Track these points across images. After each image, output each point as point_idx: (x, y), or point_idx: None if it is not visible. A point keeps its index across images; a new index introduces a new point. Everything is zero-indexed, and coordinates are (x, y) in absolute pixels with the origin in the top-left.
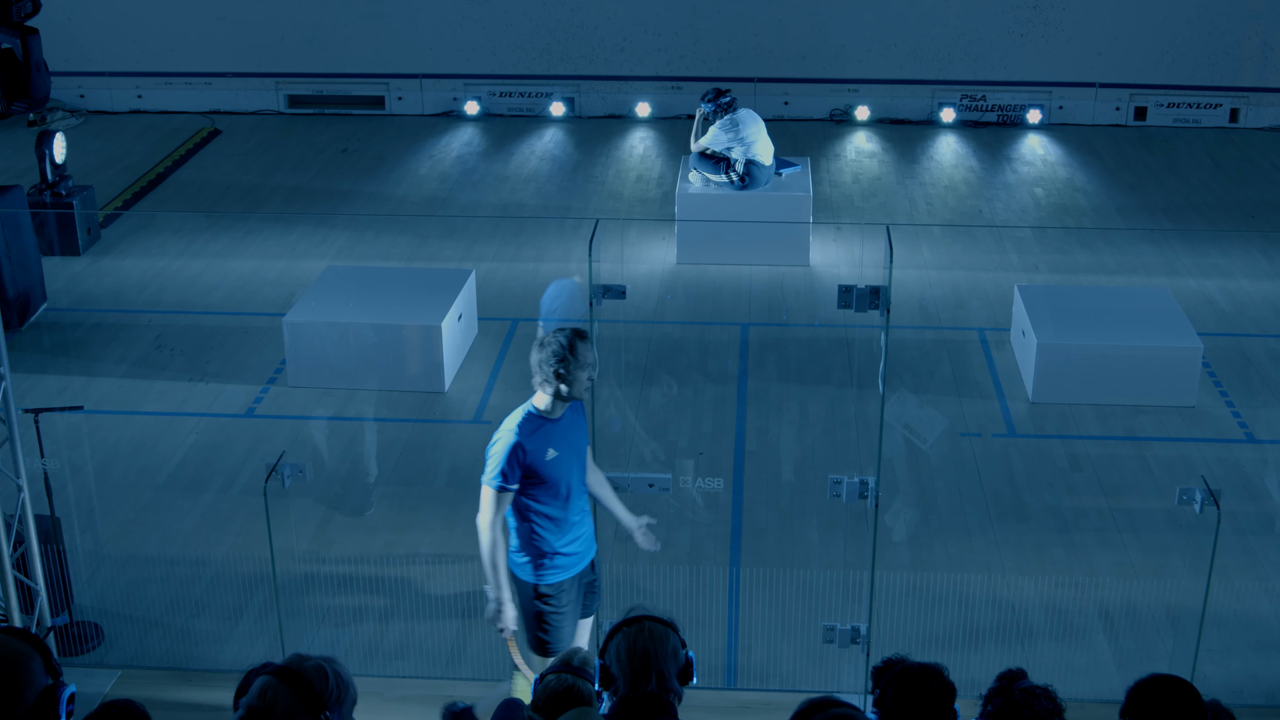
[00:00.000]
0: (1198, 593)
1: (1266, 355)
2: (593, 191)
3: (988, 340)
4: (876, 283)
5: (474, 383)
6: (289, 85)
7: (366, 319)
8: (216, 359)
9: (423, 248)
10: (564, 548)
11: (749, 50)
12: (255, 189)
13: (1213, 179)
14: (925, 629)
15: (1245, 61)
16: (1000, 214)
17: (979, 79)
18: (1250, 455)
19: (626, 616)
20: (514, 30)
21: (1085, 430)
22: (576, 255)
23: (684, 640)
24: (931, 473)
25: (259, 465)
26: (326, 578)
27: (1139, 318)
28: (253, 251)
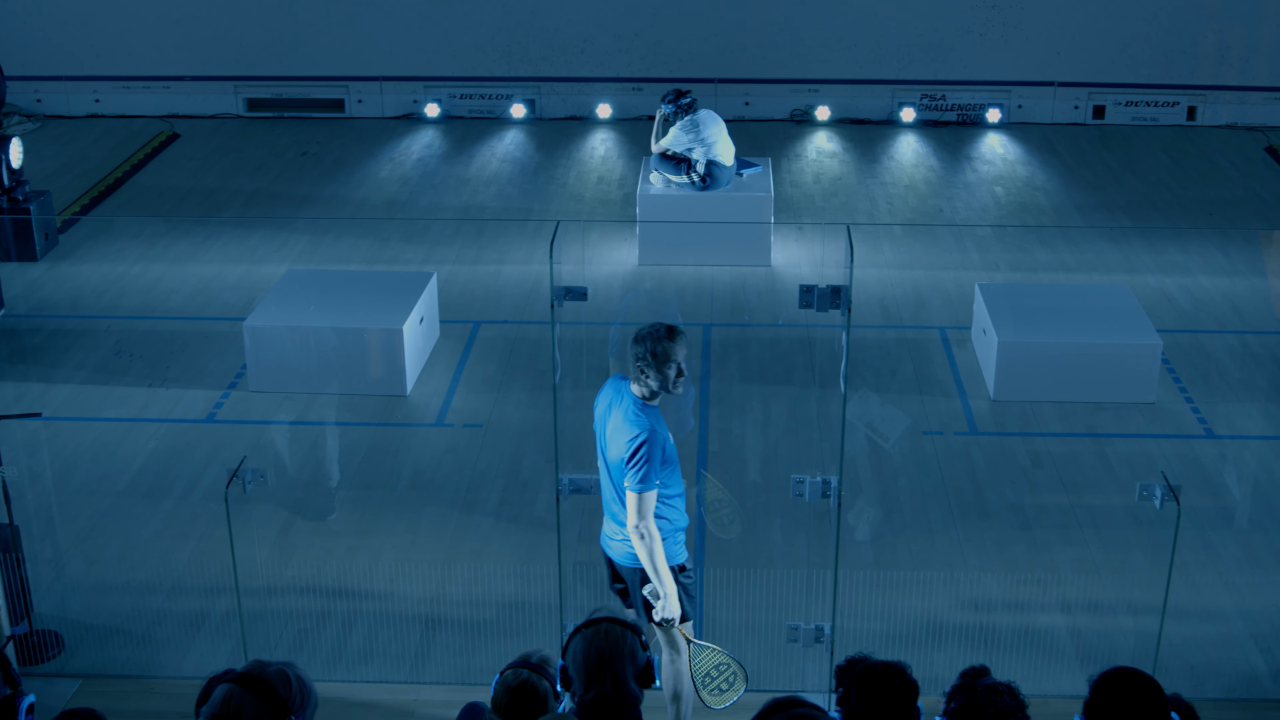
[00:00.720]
0: (1158, 587)
1: (1225, 351)
2: (554, 193)
3: (949, 339)
4: (838, 282)
5: (436, 386)
6: (248, 88)
7: (327, 323)
8: (176, 364)
9: (384, 251)
10: (683, 523)
11: (709, 51)
12: (214, 193)
13: (1171, 176)
14: (889, 627)
15: (1202, 60)
16: (961, 213)
17: (938, 79)
18: (1209, 451)
19: (588, 618)
20: (474, 32)
21: (1046, 427)
22: (538, 257)
23: (645, 643)
24: (894, 471)
25: (220, 471)
26: (289, 583)
27: (1099, 315)
28: (212, 256)
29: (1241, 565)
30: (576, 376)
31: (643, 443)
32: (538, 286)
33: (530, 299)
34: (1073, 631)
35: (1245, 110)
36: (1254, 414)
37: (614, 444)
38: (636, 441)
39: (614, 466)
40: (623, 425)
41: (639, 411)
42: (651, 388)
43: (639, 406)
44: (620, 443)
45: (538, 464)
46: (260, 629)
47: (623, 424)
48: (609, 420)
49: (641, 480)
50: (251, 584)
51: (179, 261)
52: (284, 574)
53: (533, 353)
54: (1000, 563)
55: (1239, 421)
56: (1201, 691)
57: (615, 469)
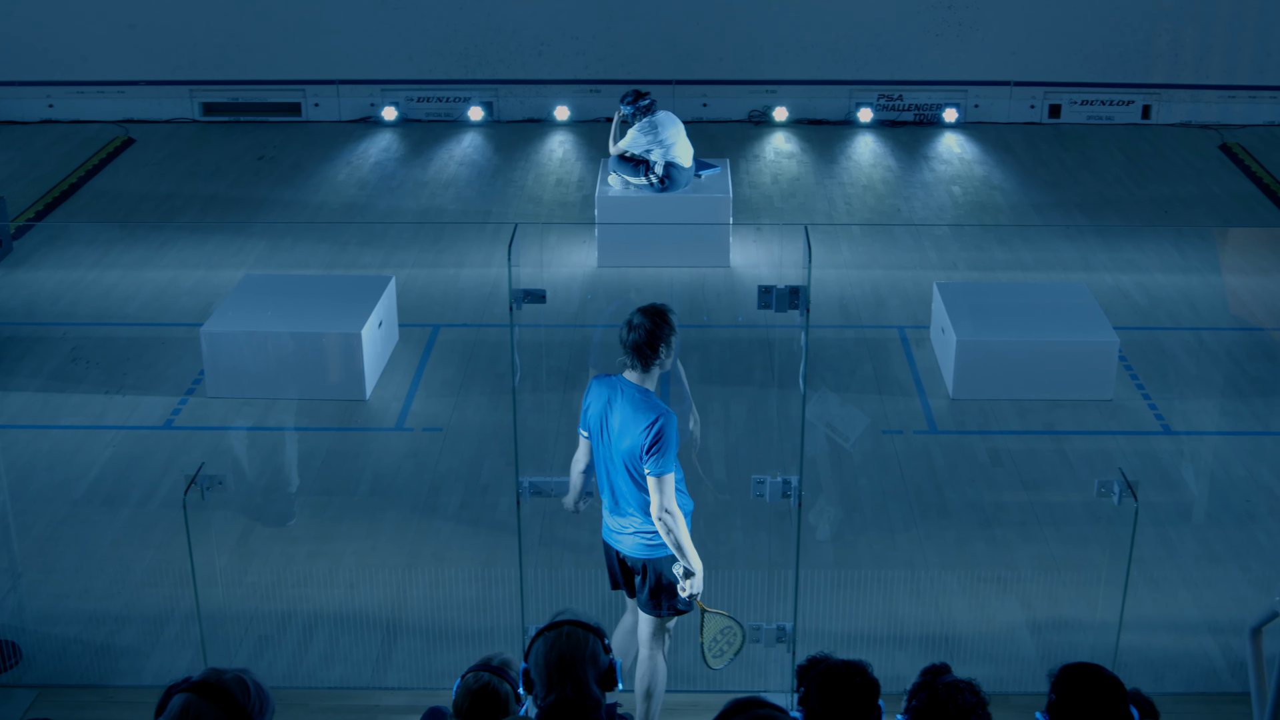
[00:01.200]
0: (1117, 583)
1: (1181, 348)
2: (512, 196)
3: (908, 338)
4: (796, 283)
5: (395, 390)
6: (204, 93)
7: (285, 327)
8: (133, 371)
9: (342, 255)
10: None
11: (667, 52)
12: (170, 198)
13: (1126, 175)
14: (850, 626)
15: (1156, 58)
16: (918, 213)
17: (895, 79)
18: (1167, 447)
19: (550, 621)
20: (430, 35)
21: (1005, 425)
22: (497, 260)
23: (609, 646)
24: (854, 471)
25: (178, 477)
26: (249, 590)
27: (1056, 313)
28: (169, 261)
29: (1199, 560)
30: (536, 379)
31: (663, 425)
32: (496, 289)
33: (489, 302)
34: (1033, 628)
35: (1199, 108)
36: (1210, 410)
37: (625, 436)
38: (658, 425)
39: (626, 458)
40: (635, 415)
41: (649, 398)
42: (665, 366)
43: (646, 394)
44: (634, 432)
45: (498, 467)
46: (220, 636)
47: (635, 414)
48: (610, 417)
49: (663, 464)
50: (211, 591)
51: (135, 267)
52: (243, 580)
53: (492, 355)
54: (960, 560)
55: (1195, 417)
56: (1161, 686)
57: (629, 460)
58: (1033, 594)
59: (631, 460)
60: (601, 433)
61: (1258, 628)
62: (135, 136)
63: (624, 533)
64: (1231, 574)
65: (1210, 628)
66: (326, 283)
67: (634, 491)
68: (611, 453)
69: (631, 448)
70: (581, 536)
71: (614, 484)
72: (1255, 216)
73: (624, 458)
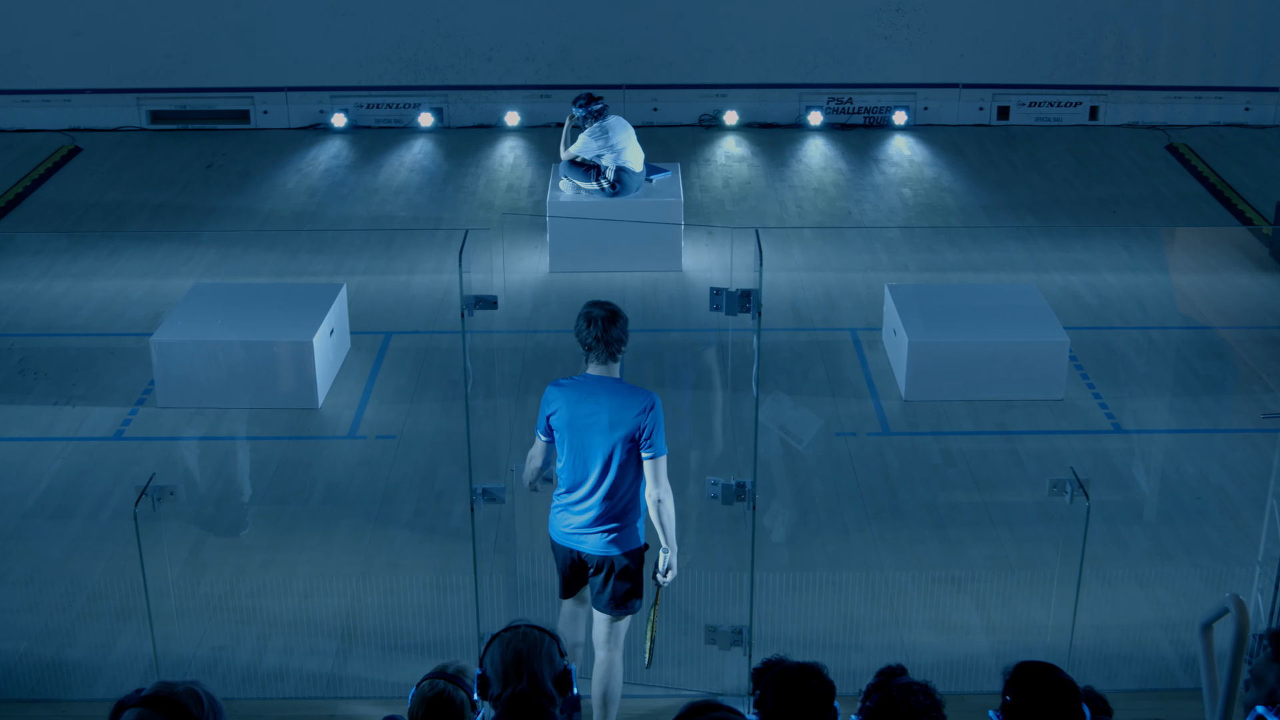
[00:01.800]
0: (1070, 581)
1: (1130, 347)
2: (463, 202)
3: (860, 340)
4: (748, 286)
5: (348, 398)
6: (151, 101)
7: (236, 336)
8: (82, 381)
9: (292, 263)
10: None
11: (617, 57)
12: (118, 207)
13: (1075, 176)
14: (806, 628)
15: (1103, 60)
16: (869, 215)
17: (845, 82)
18: (1118, 445)
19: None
20: (380, 41)
21: (957, 426)
22: (448, 267)
23: (564, 651)
24: (808, 473)
25: (129, 489)
26: (202, 601)
27: (1007, 314)
28: (117, 271)
29: (1151, 557)
30: (489, 385)
31: (658, 407)
32: (448, 296)
33: (441, 309)
34: (988, 627)
35: (1146, 109)
36: (1160, 408)
37: (619, 426)
38: (654, 409)
39: (620, 446)
40: (626, 403)
41: (630, 385)
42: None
43: (625, 383)
44: (628, 419)
45: (452, 474)
46: (173, 648)
47: (625, 402)
48: (590, 412)
49: (660, 445)
50: (163, 603)
51: (83, 277)
52: (196, 592)
53: (445, 362)
54: (915, 561)
55: (1145, 416)
56: (1114, 683)
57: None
58: (987, 594)
59: (625, 446)
60: (573, 430)
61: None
62: (82, 145)
63: (588, 531)
64: (1183, 571)
65: (1163, 624)
66: (277, 291)
67: (606, 486)
68: (594, 445)
69: (628, 434)
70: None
71: (597, 477)
72: (1202, 216)
73: (617, 445)
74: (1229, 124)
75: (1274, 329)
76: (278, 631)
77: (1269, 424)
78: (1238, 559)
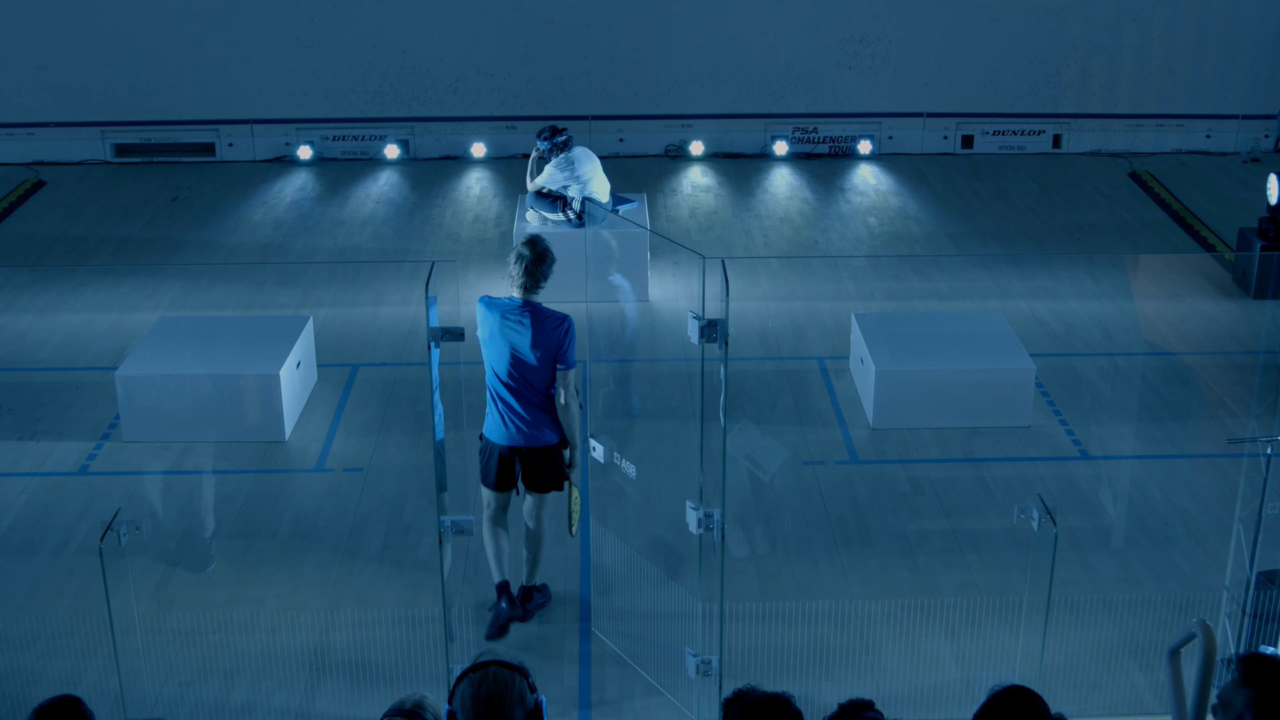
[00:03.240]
0: (1040, 608)
1: (1096, 373)
2: (430, 233)
3: (827, 369)
4: (715, 316)
5: (315, 431)
6: (115, 134)
7: (202, 369)
8: (47, 416)
9: (258, 295)
10: None
11: (582, 88)
12: (83, 241)
13: (1039, 203)
14: (776, 658)
15: (1065, 88)
16: (835, 244)
17: (810, 112)
18: (1084, 472)
19: (474, 662)
20: (345, 73)
21: (925, 454)
22: (415, 298)
23: (534, 685)
24: (777, 502)
25: (94, 524)
26: (168, 637)
27: (973, 341)
28: (82, 305)
29: (1118, 583)
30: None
31: (571, 325)
32: (415, 328)
33: (408, 340)
34: (958, 655)
35: (1108, 137)
36: (1126, 434)
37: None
38: (568, 326)
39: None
40: (543, 322)
41: (549, 310)
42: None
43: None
44: (550, 335)
45: (420, 506)
46: (139, 685)
47: (542, 321)
48: (506, 330)
49: (572, 359)
50: (129, 639)
51: (47, 311)
52: (163, 627)
53: (412, 394)
54: (884, 589)
55: (1112, 442)
56: (1085, 709)
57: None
58: (956, 621)
59: (540, 360)
60: (499, 345)
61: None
62: (46, 179)
63: (525, 429)
64: (1151, 596)
65: (1132, 650)
66: (243, 324)
67: (539, 391)
68: (521, 356)
69: (549, 348)
70: None
71: (525, 382)
72: (1165, 243)
73: (527, 362)
74: (1191, 151)
75: (1238, 354)
76: (245, 666)
77: (1234, 449)
78: (1205, 584)
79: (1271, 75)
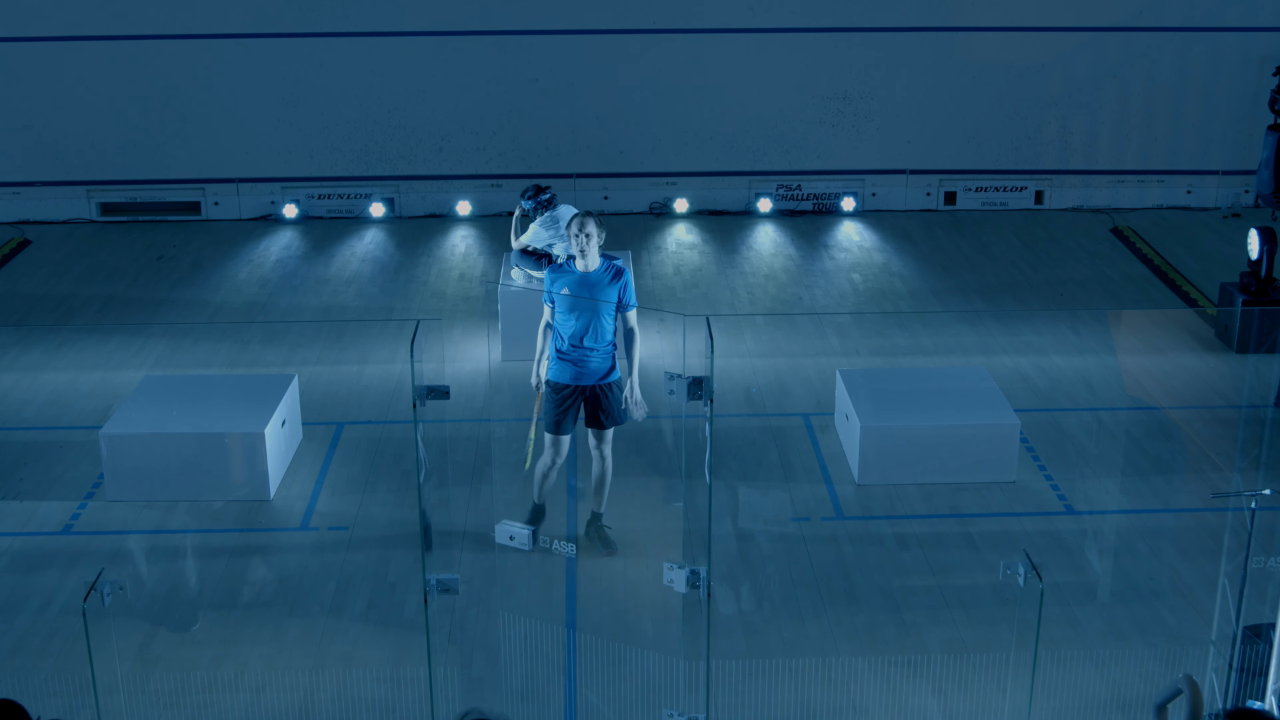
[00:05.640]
0: (1026, 664)
1: (1080, 428)
2: (415, 291)
3: (812, 425)
4: (700, 373)
5: (300, 489)
6: (101, 193)
7: (187, 428)
8: (30, 475)
9: (244, 354)
10: None
11: (567, 146)
12: (68, 299)
13: (1022, 259)
14: (763, 715)
15: (1046, 145)
16: (820, 300)
17: (794, 169)
18: (1070, 526)
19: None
20: (331, 132)
21: (911, 510)
22: (400, 356)
23: None
24: (763, 559)
25: (78, 584)
26: (152, 698)
27: (958, 397)
28: (67, 364)
29: (1105, 638)
30: (442, 475)
31: (627, 270)
32: (400, 386)
33: (393, 398)
34: (945, 712)
35: (1090, 193)
36: (1110, 489)
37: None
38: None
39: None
40: (603, 273)
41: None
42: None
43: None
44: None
45: (405, 565)
46: None
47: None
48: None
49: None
50: (112, 700)
51: (31, 370)
52: (146, 688)
53: (397, 452)
54: (871, 647)
55: (1097, 496)
56: None
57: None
58: (944, 677)
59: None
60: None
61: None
62: (31, 238)
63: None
64: (1138, 651)
65: (1119, 705)
66: (228, 382)
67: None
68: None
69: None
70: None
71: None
72: (1147, 298)
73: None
74: (1172, 206)
75: (1221, 409)
76: None
77: (1218, 503)
78: (1191, 638)
79: (1250, 131)
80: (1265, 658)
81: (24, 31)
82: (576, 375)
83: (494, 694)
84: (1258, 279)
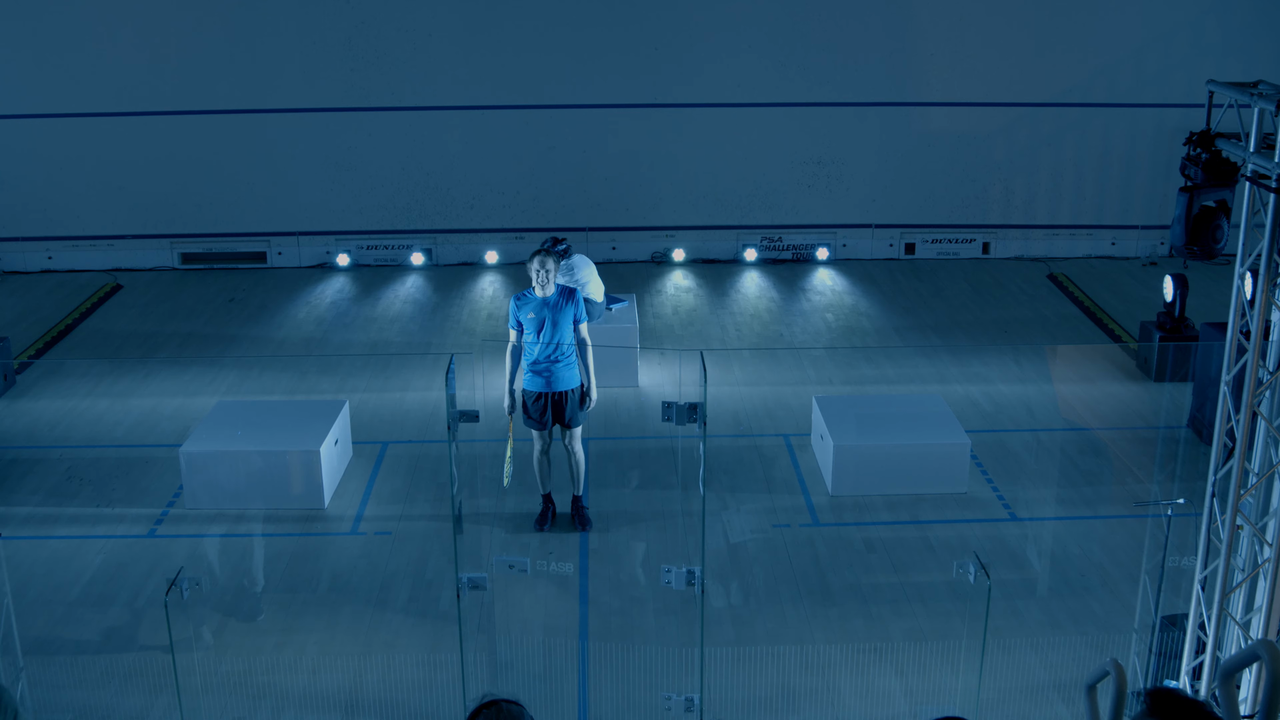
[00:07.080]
0: (976, 650)
1: (1022, 446)
2: (450, 329)
3: (792, 444)
4: (695, 399)
5: (350, 499)
6: (182, 244)
7: (253, 447)
8: (121, 487)
9: (302, 382)
10: None
11: (581, 204)
12: (153, 336)
13: (971, 301)
14: (749, 696)
15: (992, 203)
16: (798, 336)
17: (775, 223)
18: (1014, 531)
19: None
20: (378, 192)
21: (877, 517)
22: (437, 385)
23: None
24: (749, 560)
25: (160, 580)
26: (223, 677)
27: (917, 420)
28: (151, 391)
29: (1044, 628)
30: (472, 488)
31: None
32: (437, 410)
33: (431, 421)
34: (907, 692)
35: (1029, 244)
36: (1048, 499)
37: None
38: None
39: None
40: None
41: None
42: None
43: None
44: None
45: (440, 565)
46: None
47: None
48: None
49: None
50: (190, 680)
51: (122, 396)
52: (219, 670)
53: (434, 468)
54: (842, 635)
55: (1036, 505)
56: None
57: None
58: (905, 662)
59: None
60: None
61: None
62: (123, 283)
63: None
64: (1072, 639)
65: (1056, 686)
66: (288, 407)
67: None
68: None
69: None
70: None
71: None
72: (1079, 335)
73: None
74: (1099, 256)
75: (1142, 429)
76: (289, 704)
77: (1139, 511)
78: (1117, 627)
79: (1165, 191)
80: (1179, 643)
81: (117, 108)
82: (546, 384)
83: (517, 677)
84: (1172, 318)
